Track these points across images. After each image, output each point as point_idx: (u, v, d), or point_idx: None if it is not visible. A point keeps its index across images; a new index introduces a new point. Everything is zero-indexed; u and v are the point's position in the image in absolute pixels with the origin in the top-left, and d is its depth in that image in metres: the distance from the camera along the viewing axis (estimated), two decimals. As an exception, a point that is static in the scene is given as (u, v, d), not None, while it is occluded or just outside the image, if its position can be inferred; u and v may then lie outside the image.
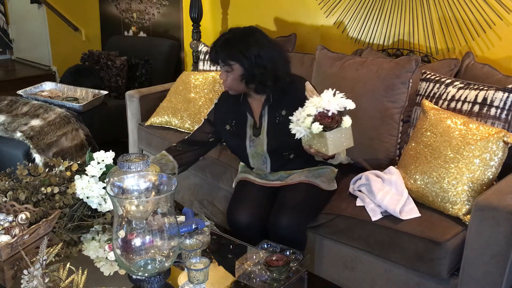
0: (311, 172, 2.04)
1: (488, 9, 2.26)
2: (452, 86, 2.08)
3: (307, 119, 1.70)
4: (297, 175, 2.03)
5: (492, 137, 1.78)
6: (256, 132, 2.04)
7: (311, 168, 2.05)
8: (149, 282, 1.42)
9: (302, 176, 2.01)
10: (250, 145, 2.05)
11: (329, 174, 2.07)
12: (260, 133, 2.03)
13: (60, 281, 1.43)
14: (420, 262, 1.76)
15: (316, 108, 1.70)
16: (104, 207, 1.86)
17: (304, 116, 1.72)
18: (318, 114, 1.69)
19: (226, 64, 1.92)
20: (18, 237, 1.63)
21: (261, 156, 2.05)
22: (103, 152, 1.86)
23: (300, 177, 2.01)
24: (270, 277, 1.53)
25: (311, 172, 2.04)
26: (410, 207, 1.88)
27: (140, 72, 3.90)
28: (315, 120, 1.69)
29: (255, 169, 2.11)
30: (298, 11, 3.07)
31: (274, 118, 2.01)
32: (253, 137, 2.05)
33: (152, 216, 1.44)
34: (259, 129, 2.04)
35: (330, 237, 2.02)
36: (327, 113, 1.68)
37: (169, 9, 3.97)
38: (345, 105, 1.70)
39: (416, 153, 1.97)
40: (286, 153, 2.02)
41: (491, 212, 1.59)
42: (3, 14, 6.31)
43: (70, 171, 2.00)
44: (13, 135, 2.93)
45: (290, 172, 2.06)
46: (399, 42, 2.63)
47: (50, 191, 1.88)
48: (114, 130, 3.57)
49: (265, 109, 2.02)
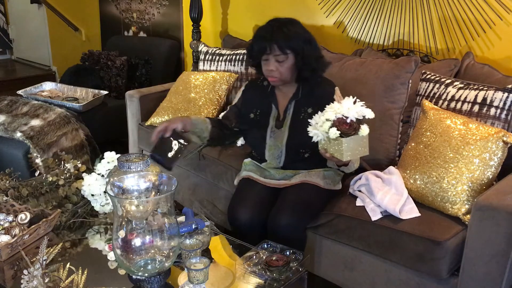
0: (316, 173, 2.04)
1: (488, 9, 2.26)
2: (452, 86, 2.08)
3: (325, 124, 1.74)
4: (303, 175, 2.04)
5: (491, 137, 1.78)
6: (278, 124, 2.07)
7: (318, 169, 2.06)
8: (149, 282, 1.42)
9: (308, 177, 2.02)
10: (270, 136, 2.08)
11: (334, 176, 2.07)
12: (282, 126, 2.06)
13: (60, 281, 1.42)
14: (420, 262, 1.76)
15: (335, 113, 1.74)
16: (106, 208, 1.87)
17: (323, 120, 1.75)
18: (337, 119, 1.73)
19: (282, 53, 1.91)
20: (18, 237, 1.63)
21: (278, 149, 2.07)
22: (114, 153, 1.90)
23: (304, 177, 2.02)
24: (270, 277, 1.53)
25: (316, 173, 2.04)
26: (410, 207, 1.88)
27: (140, 72, 3.90)
28: (333, 126, 1.72)
29: (268, 161, 2.12)
30: (298, 11, 3.07)
31: (299, 113, 2.03)
32: (275, 129, 2.07)
33: (152, 216, 1.44)
34: (281, 122, 2.06)
35: (330, 237, 2.02)
36: (345, 120, 1.72)
37: (169, 9, 3.97)
38: (364, 114, 1.74)
39: (416, 153, 1.97)
40: (302, 151, 2.04)
41: (491, 212, 1.59)
42: (3, 14, 6.32)
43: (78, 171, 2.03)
44: (13, 135, 2.93)
45: (296, 171, 2.07)
46: (399, 42, 2.63)
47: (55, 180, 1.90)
48: (114, 130, 3.57)
49: (292, 103, 2.05)
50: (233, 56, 2.92)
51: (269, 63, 1.95)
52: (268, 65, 1.96)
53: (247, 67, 2.85)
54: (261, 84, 2.14)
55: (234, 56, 2.91)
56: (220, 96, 2.82)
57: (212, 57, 3.02)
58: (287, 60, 1.93)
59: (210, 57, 3.03)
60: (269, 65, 1.95)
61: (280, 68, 1.94)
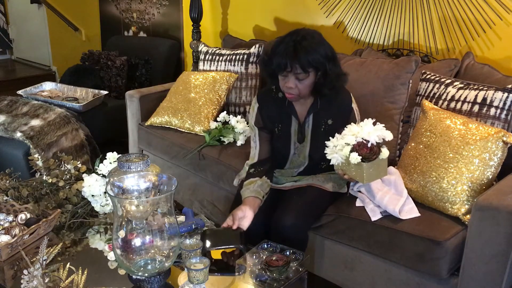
0: (323, 176, 2.04)
1: (488, 9, 2.26)
2: (452, 86, 2.08)
3: (345, 148, 1.70)
4: (310, 178, 2.04)
5: (491, 137, 1.78)
6: (300, 138, 2.00)
7: (325, 172, 2.06)
8: (149, 282, 1.42)
9: (315, 180, 2.02)
10: (294, 152, 2.02)
11: (340, 179, 2.07)
12: (303, 140, 1.99)
13: (60, 281, 1.43)
14: (420, 262, 1.76)
15: (355, 137, 1.69)
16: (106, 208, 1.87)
17: (342, 144, 1.71)
18: (357, 143, 1.69)
19: (304, 71, 1.79)
20: (18, 237, 1.63)
21: (300, 162, 2.04)
22: (115, 153, 1.90)
23: (312, 181, 2.02)
24: (270, 277, 1.53)
25: (323, 176, 2.04)
26: (409, 207, 1.88)
27: (140, 72, 3.90)
28: (354, 150, 1.68)
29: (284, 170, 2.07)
30: (298, 11, 3.07)
31: (319, 126, 1.95)
32: (297, 144, 2.00)
33: (152, 216, 1.44)
34: (303, 135, 1.99)
35: (330, 237, 2.02)
36: (366, 144, 1.67)
37: (169, 9, 3.97)
38: (385, 137, 1.70)
39: (415, 153, 1.97)
40: (323, 163, 2.01)
41: (491, 212, 1.59)
42: (3, 14, 6.31)
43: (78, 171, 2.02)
44: (13, 135, 2.93)
45: (302, 177, 2.06)
46: (399, 42, 2.63)
47: (55, 181, 1.90)
48: (114, 130, 3.57)
49: (310, 115, 1.96)
50: (233, 56, 2.92)
51: (289, 80, 1.83)
52: (287, 82, 1.84)
53: (247, 67, 2.85)
54: (276, 96, 1.99)
55: (234, 56, 2.91)
56: (220, 96, 2.82)
57: (212, 57, 3.02)
58: (308, 78, 1.82)
59: (210, 57, 3.03)
60: (289, 82, 1.83)
61: (300, 85, 1.83)
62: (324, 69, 1.81)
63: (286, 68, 1.79)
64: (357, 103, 2.04)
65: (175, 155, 2.73)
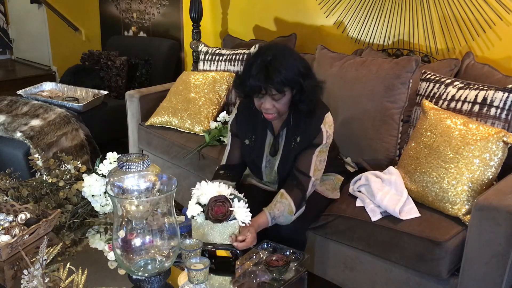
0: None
1: (488, 9, 2.26)
2: (452, 86, 2.08)
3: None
4: None
5: (492, 137, 1.78)
6: (273, 152, 1.97)
7: None
8: (149, 282, 1.42)
9: None
10: (266, 165, 2.00)
11: (333, 182, 2.07)
12: (276, 153, 1.97)
13: (60, 281, 1.43)
14: (420, 262, 1.76)
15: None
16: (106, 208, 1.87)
17: None
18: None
19: (279, 92, 1.74)
20: (18, 237, 1.63)
21: (274, 177, 2.02)
22: (115, 153, 1.90)
23: None
24: (270, 277, 1.53)
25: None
26: (409, 207, 1.88)
27: (140, 72, 3.90)
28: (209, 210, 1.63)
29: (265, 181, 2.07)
30: (298, 11, 3.07)
31: (290, 142, 1.92)
32: (269, 157, 1.98)
33: (152, 216, 1.44)
34: (276, 149, 1.96)
35: (331, 237, 2.02)
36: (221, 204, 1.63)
37: (169, 9, 3.97)
38: None
39: (416, 153, 1.97)
40: None
41: (491, 212, 1.59)
42: (3, 14, 6.31)
43: (78, 171, 2.02)
44: (13, 135, 2.93)
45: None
46: (399, 42, 2.63)
47: (55, 181, 1.90)
48: (114, 130, 3.57)
49: (284, 130, 1.93)
50: (233, 56, 2.92)
51: (265, 101, 1.78)
52: (264, 103, 1.79)
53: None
54: (253, 107, 1.90)
55: (234, 56, 2.91)
56: (220, 96, 2.82)
57: (212, 57, 3.02)
58: (285, 96, 1.77)
59: (210, 57, 3.03)
60: (265, 104, 1.78)
61: (277, 105, 1.78)
62: (299, 86, 1.76)
63: (261, 91, 1.74)
64: (357, 103, 2.03)
65: (175, 155, 2.73)
